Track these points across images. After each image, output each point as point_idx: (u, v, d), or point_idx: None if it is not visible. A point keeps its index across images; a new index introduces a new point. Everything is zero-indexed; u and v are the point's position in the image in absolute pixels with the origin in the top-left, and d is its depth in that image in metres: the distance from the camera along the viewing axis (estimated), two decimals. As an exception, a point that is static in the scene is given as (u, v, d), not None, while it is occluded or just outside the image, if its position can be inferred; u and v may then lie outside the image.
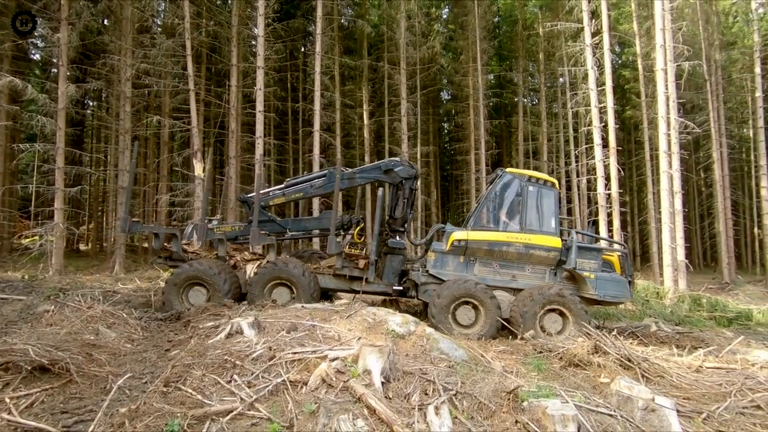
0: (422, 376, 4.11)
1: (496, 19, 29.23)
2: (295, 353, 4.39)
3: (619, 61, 27.67)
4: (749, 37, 23.70)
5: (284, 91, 24.92)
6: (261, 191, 8.37)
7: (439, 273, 7.92)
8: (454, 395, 3.71)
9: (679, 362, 6.27)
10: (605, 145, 17.11)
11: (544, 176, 8.19)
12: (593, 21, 17.75)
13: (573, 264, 7.67)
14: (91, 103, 26.21)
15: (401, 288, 8.34)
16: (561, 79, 25.51)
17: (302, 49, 26.02)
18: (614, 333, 6.24)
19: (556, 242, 7.78)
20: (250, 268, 7.95)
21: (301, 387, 3.82)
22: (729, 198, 24.18)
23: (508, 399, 3.51)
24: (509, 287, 7.83)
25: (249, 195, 8.83)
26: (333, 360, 4.08)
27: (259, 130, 16.07)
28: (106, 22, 19.57)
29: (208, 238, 8.22)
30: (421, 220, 23.39)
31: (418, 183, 8.75)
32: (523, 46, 26.11)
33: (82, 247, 25.62)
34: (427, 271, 8.02)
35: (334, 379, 3.75)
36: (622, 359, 5.52)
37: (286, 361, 4.25)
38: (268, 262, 7.89)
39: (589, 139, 18.10)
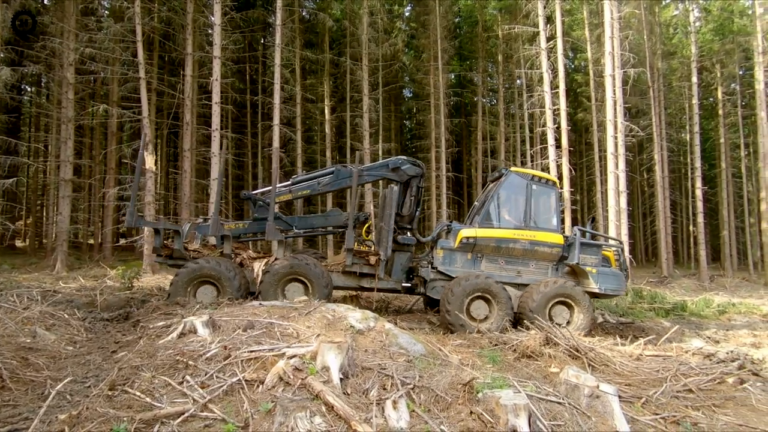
0: (381, 371, 4.13)
1: (457, 20, 29.74)
2: (251, 352, 4.29)
3: (572, 66, 28.93)
4: (687, 48, 25.50)
5: (243, 83, 24.22)
6: (263, 190, 8.29)
7: (447, 270, 8.07)
8: (412, 389, 3.76)
9: (622, 351, 6.67)
10: (558, 145, 17.87)
11: (547, 175, 8.53)
12: (548, 26, 18.46)
13: (576, 260, 7.99)
14: (29, 89, 24.33)
15: (410, 285, 8.42)
16: (518, 81, 26.34)
17: (262, 41, 25.37)
18: (564, 325, 6.55)
19: (558, 239, 8.15)
20: (258, 266, 7.75)
21: (258, 386, 3.74)
22: (668, 198, 25.96)
23: (464, 391, 3.60)
24: (514, 283, 8.04)
25: (253, 192, 8.64)
26: (291, 357, 4.02)
27: (216, 122, 15.53)
28: (46, 1, 18.20)
29: (221, 233, 7.87)
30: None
31: (424, 181, 8.84)
32: (482, 47, 26.73)
33: (18, 243, 23.77)
34: (435, 268, 8.12)
35: (291, 376, 3.70)
36: (570, 350, 5.80)
37: (242, 360, 4.14)
38: (276, 259, 7.67)
39: (543, 140, 18.83)
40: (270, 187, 8.30)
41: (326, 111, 23.17)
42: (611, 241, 9.50)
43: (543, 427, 3.18)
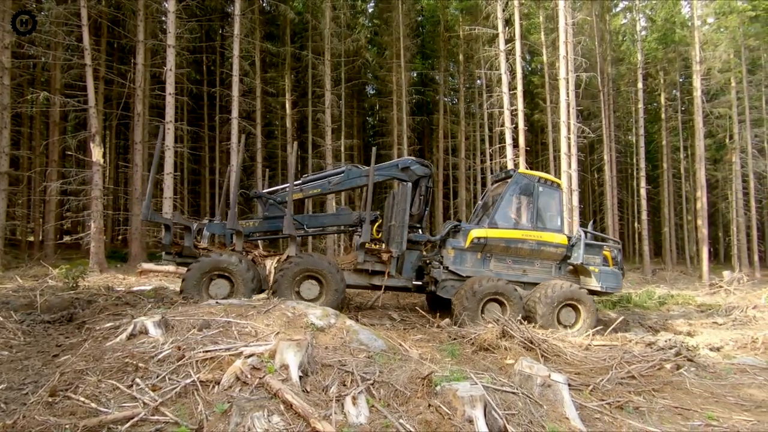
0: (341, 367, 4.12)
1: (420, 18, 29.99)
2: (206, 352, 4.15)
3: (529, 68, 29.92)
4: (634, 55, 27.02)
5: (199, 74, 23.33)
6: (273, 189, 8.26)
7: (458, 269, 8.17)
8: (372, 384, 3.78)
9: (572, 342, 7.00)
10: (516, 145, 18.46)
11: (551, 177, 8.76)
12: (507, 29, 18.98)
13: (581, 260, 8.26)
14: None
15: (420, 283, 8.46)
16: (478, 81, 26.95)
17: (220, 31, 24.52)
18: (519, 318, 6.79)
19: (563, 239, 8.39)
20: (270, 264, 7.69)
21: (213, 387, 3.63)
22: (616, 196, 27.46)
23: (423, 384, 3.66)
24: (521, 281, 8.24)
25: (263, 191, 8.61)
26: (248, 356, 3.93)
27: (170, 114, 14.86)
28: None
29: (237, 228, 7.65)
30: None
31: (432, 181, 8.93)
32: (444, 46, 27.11)
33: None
34: (446, 268, 8.19)
35: (249, 376, 3.62)
36: (525, 342, 6.03)
37: (196, 361, 4.00)
38: (288, 257, 7.55)
39: (501, 139, 19.38)
40: (279, 186, 8.35)
41: (287, 105, 22.74)
42: (610, 242, 9.85)
43: (498, 417, 3.29)
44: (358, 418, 3.27)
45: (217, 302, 6.09)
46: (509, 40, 18.81)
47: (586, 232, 8.70)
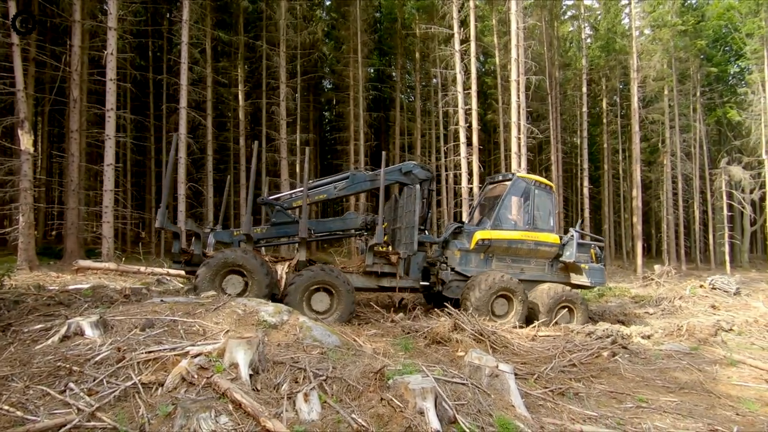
0: (293, 364, 4.06)
1: (378, 14, 29.97)
2: (149, 352, 3.95)
3: (483, 69, 30.76)
4: (580, 61, 28.50)
5: (144, 60, 22.02)
6: (279, 195, 8.28)
7: (464, 270, 8.51)
8: (325, 380, 3.75)
9: (520, 333, 7.32)
10: (470, 143, 18.95)
11: (545, 180, 9.21)
12: (462, 29, 19.39)
13: (573, 258, 8.72)
14: None
15: (427, 283, 8.70)
16: (434, 80, 27.36)
17: (168, 15, 23.24)
18: (470, 311, 7.00)
19: (556, 239, 8.88)
20: (280, 269, 7.67)
21: (157, 389, 3.46)
22: (562, 195, 28.92)
23: (375, 379, 3.68)
24: (519, 279, 8.52)
25: (270, 197, 8.61)
26: (195, 356, 3.78)
27: (111, 101, 13.93)
28: None
29: (249, 233, 7.55)
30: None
31: (433, 184, 9.19)
32: (401, 44, 27.27)
33: None
34: (452, 269, 8.52)
35: (195, 376, 3.48)
36: (476, 334, 6.22)
37: (138, 362, 3.80)
38: (298, 261, 7.60)
39: (456, 138, 19.82)
40: (285, 192, 8.52)
41: (240, 96, 21.99)
42: (596, 241, 10.28)
43: (448, 408, 3.37)
44: (310, 415, 3.24)
45: (161, 300, 5.81)
46: (464, 40, 19.23)
47: (576, 232, 9.21)
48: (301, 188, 8.39)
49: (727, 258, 27.86)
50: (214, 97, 21.00)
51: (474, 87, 19.04)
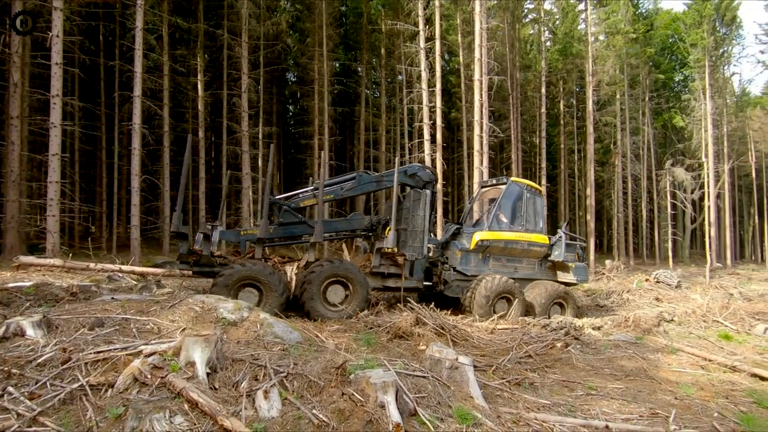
0: (253, 362, 3.99)
1: (344, 8, 29.70)
2: (98, 353, 3.76)
3: (448, 68, 31.19)
4: (539, 63, 29.43)
5: (95, 45, 20.73)
6: (287, 195, 8.39)
7: (464, 269, 8.92)
8: (285, 377, 3.71)
9: (480, 326, 7.52)
10: (433, 141, 19.18)
11: (535, 185, 9.82)
12: (428, 27, 19.55)
13: (562, 257, 9.33)
14: None
15: (430, 283, 8.99)
16: (400, 76, 27.46)
17: (120, -2, 21.97)
18: (432, 306, 7.12)
19: (545, 239, 9.43)
20: (290, 270, 7.83)
21: (106, 390, 3.31)
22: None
23: (337, 374, 3.68)
24: (513, 277, 8.97)
25: (278, 197, 8.68)
26: (149, 355, 3.63)
27: (57, 86, 13.04)
28: None
29: (262, 236, 7.66)
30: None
31: (436, 186, 9.39)
32: (367, 39, 27.16)
33: None
34: (453, 269, 8.90)
35: (149, 376, 3.34)
36: (437, 328, 6.34)
37: (86, 363, 3.61)
38: (308, 262, 7.76)
39: (420, 135, 20.01)
40: (292, 193, 8.60)
41: (199, 87, 21.19)
42: (578, 241, 10.89)
43: (408, 401, 3.42)
44: (270, 412, 3.20)
45: (113, 298, 5.55)
46: (429, 38, 19.40)
47: (564, 233, 9.79)
48: (308, 189, 8.74)
49: (670, 254, 29.80)
50: (171, 86, 20.12)
51: (438, 85, 19.26)
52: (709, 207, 27.39)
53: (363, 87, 27.68)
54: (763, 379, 5.53)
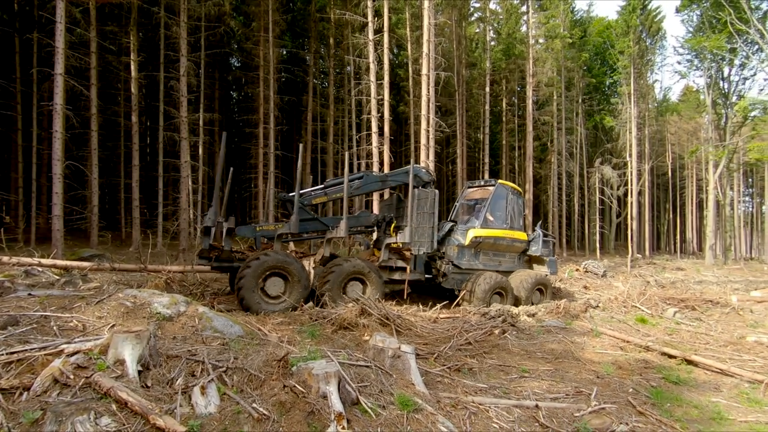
0: (190, 357, 3.84)
1: (291, -7, 28.80)
2: (12, 353, 3.44)
3: (397, 61, 31.34)
4: (484, 62, 30.40)
5: (7, 14, 18.61)
6: (302, 191, 8.58)
7: (459, 263, 9.69)
8: (225, 372, 3.61)
9: (423, 316, 7.73)
10: (381, 133, 19.25)
11: (517, 186, 10.77)
12: (377, 19, 19.49)
13: (539, 252, 10.40)
14: None
15: (430, 276, 9.69)
16: (348, 67, 27.20)
17: (38, -37, 19.83)
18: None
19: (524, 236, 10.51)
20: (307, 264, 8.07)
21: (21, 393, 3.04)
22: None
23: (279, 367, 3.63)
24: (498, 270, 10.01)
25: (290, 194, 8.78)
26: (72, 354, 3.38)
27: (-39, 59, 11.57)
28: None
29: (294, 232, 8.04)
30: (204, 194, 21.49)
31: (434, 186, 9.86)
32: (315, 27, 26.60)
33: None
34: (451, 263, 9.59)
35: (71, 376, 3.11)
36: (382, 318, 6.43)
37: (-3, 365, 3.29)
38: (322, 257, 8.13)
39: (368, 127, 20.00)
40: (305, 190, 8.86)
41: (133, 67, 19.69)
42: (550, 237, 11.80)
43: (351, 390, 3.46)
44: (207, 408, 3.10)
45: (30, 294, 5.08)
46: (378, 30, 19.35)
47: (541, 231, 10.74)
48: (318, 187, 9.24)
49: (598, 245, 32.21)
50: (99, 64, 18.53)
51: (387, 78, 19.30)
52: (631, 203, 29.86)
53: (311, 76, 27.12)
54: (671, 357, 6.17)
